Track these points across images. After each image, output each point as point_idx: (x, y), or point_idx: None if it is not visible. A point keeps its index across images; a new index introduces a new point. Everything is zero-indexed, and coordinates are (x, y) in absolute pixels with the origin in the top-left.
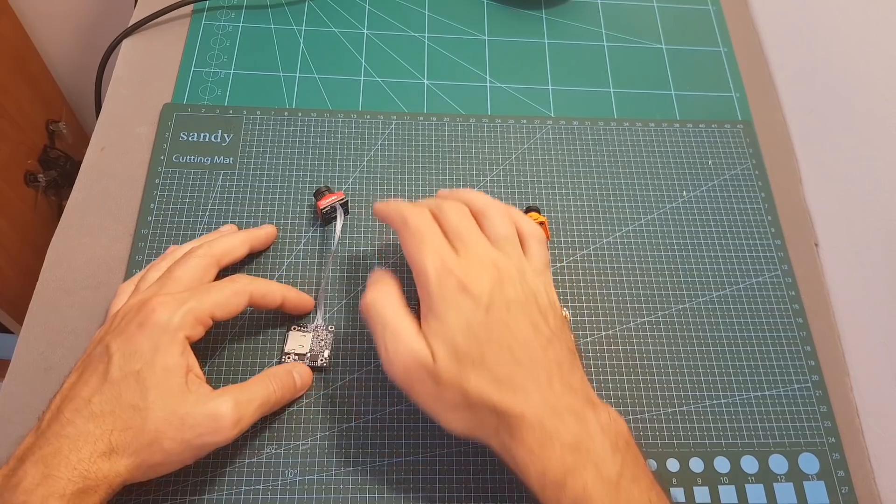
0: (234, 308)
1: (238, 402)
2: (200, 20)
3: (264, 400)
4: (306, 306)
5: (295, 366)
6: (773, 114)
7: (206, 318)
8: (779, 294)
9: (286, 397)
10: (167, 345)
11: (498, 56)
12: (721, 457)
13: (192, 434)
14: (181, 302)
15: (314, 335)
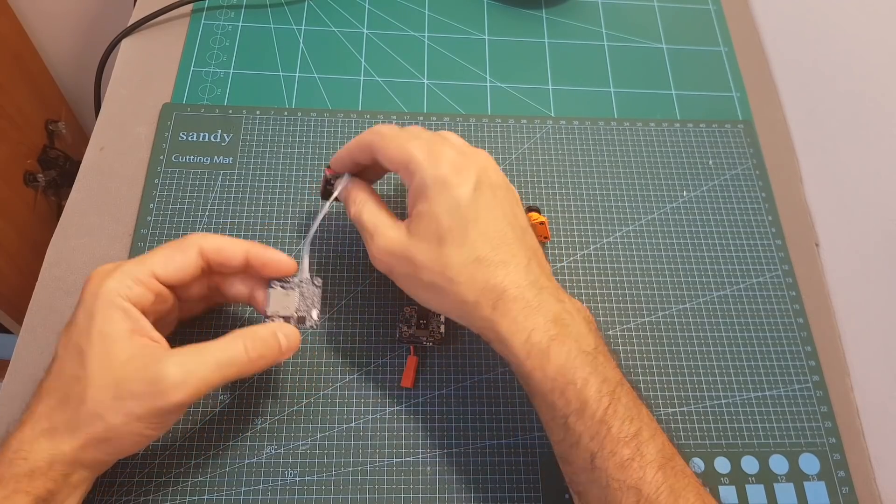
0: (181, 265)
1: (185, 362)
2: (200, 20)
3: (227, 360)
4: (280, 266)
5: (280, 326)
6: (773, 114)
7: (148, 278)
8: (779, 294)
9: (265, 359)
10: (103, 310)
11: (498, 56)
12: (721, 457)
13: (133, 402)
14: (117, 267)
15: (300, 292)
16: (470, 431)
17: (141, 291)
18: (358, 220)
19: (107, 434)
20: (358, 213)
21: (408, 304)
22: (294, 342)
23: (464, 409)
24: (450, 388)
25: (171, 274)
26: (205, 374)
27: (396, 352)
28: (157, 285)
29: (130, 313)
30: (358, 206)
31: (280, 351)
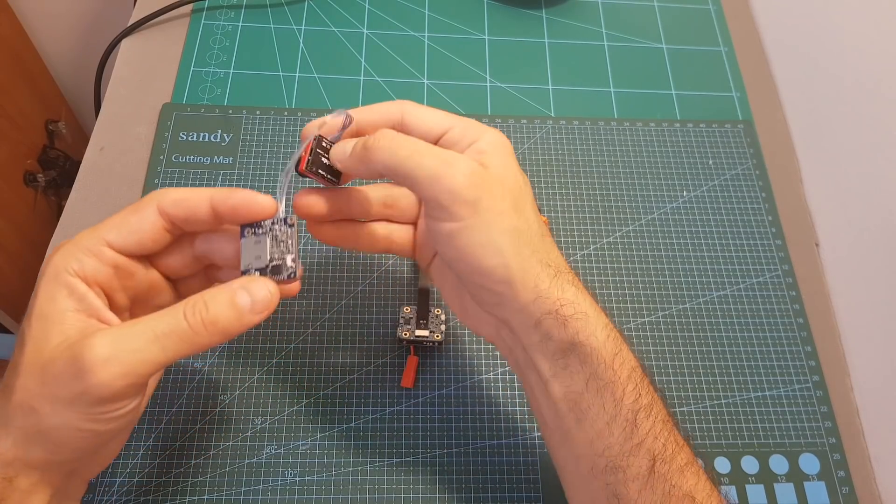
0: (136, 227)
1: (114, 336)
2: (200, 20)
3: (164, 330)
4: (254, 208)
5: (246, 282)
6: (773, 114)
7: (99, 246)
8: (779, 294)
9: (219, 325)
10: (45, 288)
11: (498, 56)
12: (721, 457)
13: (56, 385)
14: (68, 241)
15: (271, 237)
16: (470, 431)
17: (93, 264)
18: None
19: (39, 427)
20: (400, 153)
21: (408, 304)
22: (263, 299)
23: (464, 409)
24: (450, 389)
25: (126, 239)
26: (137, 348)
27: (396, 352)
28: (114, 255)
29: (76, 290)
30: (395, 145)
31: (239, 313)
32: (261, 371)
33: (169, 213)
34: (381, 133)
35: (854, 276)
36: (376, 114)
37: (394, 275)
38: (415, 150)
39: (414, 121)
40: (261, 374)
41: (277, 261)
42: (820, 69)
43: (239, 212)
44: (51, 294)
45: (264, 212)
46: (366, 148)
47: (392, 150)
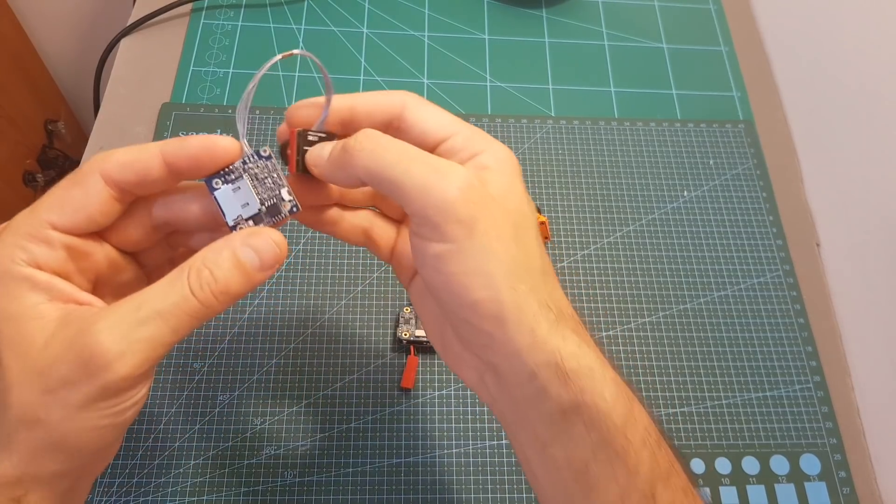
0: (82, 203)
1: (119, 325)
2: (199, 19)
3: (171, 310)
4: (216, 154)
5: (245, 237)
6: (774, 113)
7: (43, 230)
8: (780, 294)
9: (230, 292)
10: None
11: (498, 55)
12: (722, 458)
13: (67, 390)
14: (2, 228)
15: (249, 177)
16: (470, 432)
17: (41, 251)
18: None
19: (50, 438)
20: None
21: (408, 304)
22: (270, 253)
23: (464, 410)
24: (450, 389)
25: (72, 217)
26: (150, 335)
27: (397, 352)
28: (63, 237)
29: (37, 280)
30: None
31: (247, 274)
32: (260, 371)
33: (116, 180)
34: (363, 133)
35: (855, 276)
36: (372, 103)
37: (394, 275)
38: (403, 155)
39: (414, 118)
40: (260, 374)
41: (270, 200)
42: (821, 69)
43: (199, 161)
44: (10, 292)
45: (227, 155)
46: (345, 150)
47: (376, 153)
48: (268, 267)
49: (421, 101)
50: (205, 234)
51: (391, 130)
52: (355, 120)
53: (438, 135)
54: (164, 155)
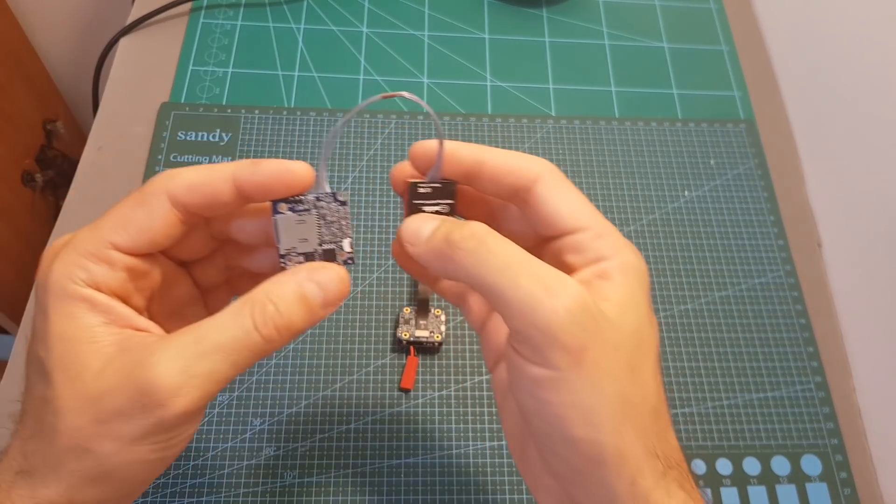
0: (147, 226)
1: (179, 358)
2: (198, 18)
3: (233, 345)
4: (287, 178)
5: (311, 272)
6: (775, 113)
7: (103, 248)
8: (781, 295)
9: (292, 329)
10: (55, 305)
11: (498, 55)
12: (723, 458)
13: (121, 423)
14: (63, 244)
15: (318, 214)
16: (470, 433)
17: (103, 272)
18: (498, 275)
19: (99, 469)
20: (489, 263)
21: (408, 305)
22: (336, 290)
23: (464, 411)
24: (450, 390)
25: (136, 239)
26: (209, 370)
27: (396, 353)
28: (125, 258)
29: (96, 301)
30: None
31: (311, 310)
32: (260, 372)
33: (184, 203)
34: (470, 231)
35: (857, 276)
36: (504, 165)
37: (394, 275)
38: (510, 261)
39: (546, 197)
40: (260, 374)
41: (329, 244)
42: (822, 68)
43: (272, 188)
44: (67, 311)
45: (300, 183)
46: (448, 244)
47: (480, 255)
48: (332, 303)
49: (557, 179)
50: (265, 255)
51: (516, 200)
52: (481, 176)
53: (567, 224)
54: (236, 179)
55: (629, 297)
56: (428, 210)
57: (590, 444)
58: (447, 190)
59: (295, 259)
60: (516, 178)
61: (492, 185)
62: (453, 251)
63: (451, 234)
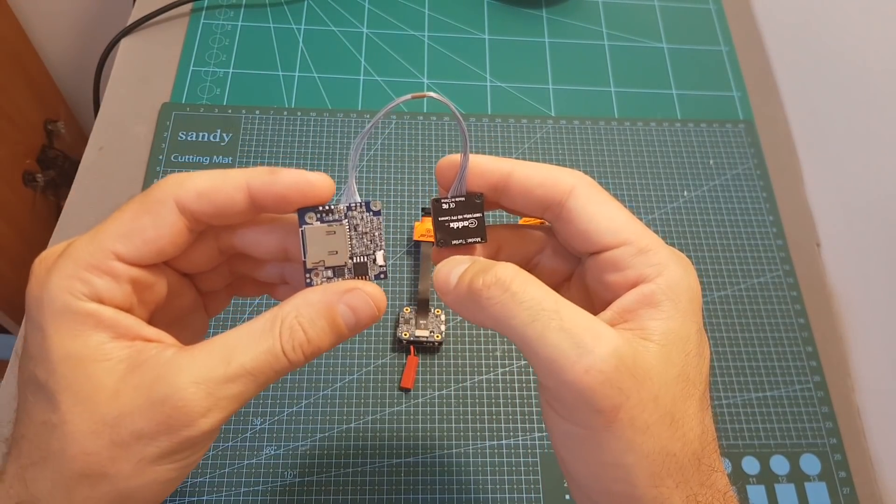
0: (153, 235)
1: (205, 379)
2: (199, 19)
3: (259, 368)
4: (308, 191)
5: (343, 292)
6: (774, 113)
7: (106, 259)
8: (780, 294)
9: (320, 350)
10: (54, 323)
11: (498, 55)
12: (722, 458)
13: (140, 443)
14: (57, 254)
15: (349, 225)
16: (470, 432)
17: (105, 285)
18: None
19: (116, 492)
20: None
21: (408, 304)
22: (367, 315)
23: (464, 410)
24: (450, 389)
25: (141, 249)
26: (238, 392)
27: (396, 352)
28: (129, 270)
29: (101, 317)
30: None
31: (340, 334)
32: None
33: (193, 211)
34: (494, 278)
35: (855, 276)
36: (535, 178)
37: (394, 275)
38: (538, 315)
39: (582, 211)
40: None
41: (361, 257)
42: (821, 69)
43: (289, 200)
44: (70, 329)
45: (320, 196)
46: (473, 293)
47: (507, 307)
48: (362, 327)
49: (593, 191)
50: (274, 266)
51: (549, 215)
52: (509, 190)
53: (605, 240)
54: (251, 188)
55: (677, 330)
56: (455, 226)
57: (626, 498)
58: (473, 203)
59: (323, 274)
60: (547, 191)
61: (522, 198)
62: (478, 300)
63: (474, 281)
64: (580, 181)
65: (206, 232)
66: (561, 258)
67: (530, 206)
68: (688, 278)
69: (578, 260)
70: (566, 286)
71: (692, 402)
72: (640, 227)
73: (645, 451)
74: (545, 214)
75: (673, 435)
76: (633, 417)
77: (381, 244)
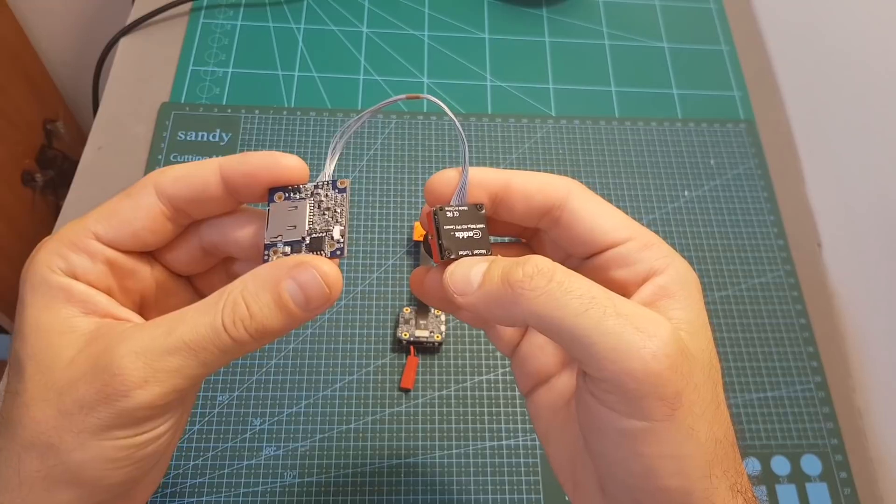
0: (129, 216)
1: (145, 350)
2: (198, 18)
3: (200, 343)
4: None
5: (292, 266)
6: (775, 113)
7: (87, 240)
8: (781, 294)
9: (269, 332)
10: (35, 297)
11: (498, 54)
12: None
13: (82, 414)
14: (49, 238)
15: (313, 202)
16: (470, 433)
17: (81, 262)
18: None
19: (63, 468)
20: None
21: (408, 304)
22: (317, 291)
23: (464, 411)
24: (450, 389)
25: (118, 231)
26: (177, 366)
27: (396, 353)
28: (105, 250)
29: (73, 291)
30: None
31: (289, 313)
32: (260, 372)
33: (169, 195)
34: (533, 266)
35: (856, 276)
36: (533, 184)
37: (394, 275)
38: (593, 302)
39: (581, 212)
40: (260, 374)
41: (319, 233)
42: (822, 68)
43: (258, 178)
44: (44, 302)
45: (290, 175)
46: (509, 285)
47: (554, 297)
48: (314, 308)
49: (588, 194)
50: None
51: (546, 221)
52: (509, 198)
53: (609, 237)
54: (222, 169)
55: (697, 317)
56: (461, 236)
57: (680, 494)
58: (476, 213)
59: (281, 250)
60: (547, 196)
61: (522, 205)
62: (518, 294)
63: (511, 274)
64: (574, 185)
65: (190, 229)
66: None
67: (530, 213)
68: (691, 272)
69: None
70: None
71: (720, 387)
72: (638, 225)
73: (702, 440)
74: (542, 221)
75: (718, 421)
76: (692, 405)
77: (343, 221)
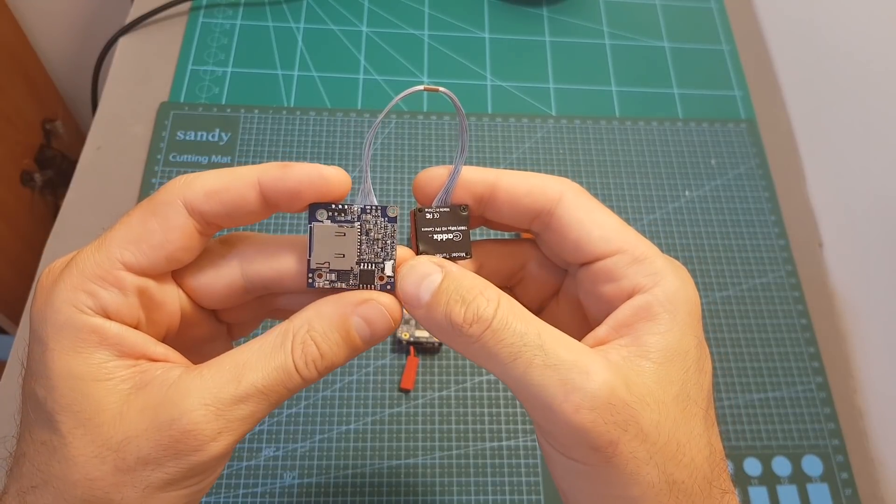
0: (161, 239)
1: (218, 398)
2: (198, 18)
3: (272, 387)
4: (324, 188)
5: (357, 303)
6: (776, 113)
7: (112, 269)
8: (783, 295)
9: (339, 363)
10: (57, 338)
11: (499, 54)
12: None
13: (146, 469)
14: (63, 265)
15: (361, 229)
16: (470, 433)
17: (112, 298)
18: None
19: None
20: (499, 354)
21: None
22: (383, 327)
23: (464, 411)
24: (450, 390)
25: (150, 256)
26: (250, 412)
27: (396, 353)
28: (137, 280)
29: (106, 333)
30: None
31: (355, 350)
32: None
33: (202, 212)
34: (474, 314)
35: (858, 276)
36: (521, 187)
37: None
38: (521, 350)
39: (571, 220)
40: None
41: (368, 265)
42: (823, 68)
43: (302, 196)
44: (72, 345)
45: (335, 191)
46: (453, 326)
47: (486, 348)
48: (378, 340)
49: (582, 198)
50: (301, 297)
51: (537, 225)
52: (495, 200)
53: (597, 248)
54: (262, 184)
55: (676, 344)
56: (439, 238)
57: None
58: (458, 215)
59: (326, 276)
60: (535, 200)
61: (509, 208)
62: (457, 335)
63: (453, 315)
64: (568, 188)
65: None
66: (547, 271)
67: (517, 217)
68: (686, 289)
69: (566, 272)
70: (555, 300)
71: (696, 421)
72: (634, 235)
73: (648, 483)
74: (532, 225)
75: (679, 462)
76: (633, 450)
77: (393, 254)
